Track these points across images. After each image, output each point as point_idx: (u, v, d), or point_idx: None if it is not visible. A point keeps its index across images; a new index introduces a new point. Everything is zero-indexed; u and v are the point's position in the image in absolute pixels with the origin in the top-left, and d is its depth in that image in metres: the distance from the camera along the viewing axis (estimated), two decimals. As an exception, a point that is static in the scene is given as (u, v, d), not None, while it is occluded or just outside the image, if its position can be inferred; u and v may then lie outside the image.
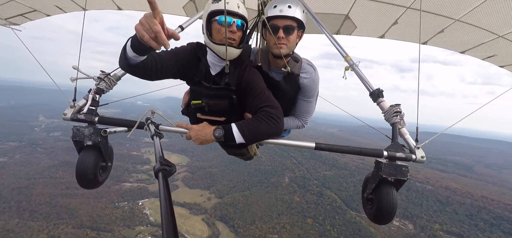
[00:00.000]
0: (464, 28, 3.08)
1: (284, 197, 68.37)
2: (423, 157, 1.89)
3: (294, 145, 1.98)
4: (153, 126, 1.67)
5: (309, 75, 2.29)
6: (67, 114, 1.88)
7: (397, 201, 1.85)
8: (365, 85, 2.31)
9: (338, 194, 69.03)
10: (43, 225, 49.25)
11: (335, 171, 79.42)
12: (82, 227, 50.74)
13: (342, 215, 60.24)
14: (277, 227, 57.17)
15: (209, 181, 77.78)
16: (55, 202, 55.97)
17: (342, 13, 3.62)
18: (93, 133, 1.85)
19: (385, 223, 1.92)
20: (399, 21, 3.39)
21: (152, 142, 1.37)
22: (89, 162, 1.85)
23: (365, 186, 2.09)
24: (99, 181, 2.00)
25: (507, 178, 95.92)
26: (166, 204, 0.72)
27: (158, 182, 0.85)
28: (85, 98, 1.95)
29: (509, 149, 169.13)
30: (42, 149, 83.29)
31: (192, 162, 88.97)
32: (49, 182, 63.36)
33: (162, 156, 1.06)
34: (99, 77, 2.03)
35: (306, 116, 2.50)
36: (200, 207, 64.55)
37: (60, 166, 69.71)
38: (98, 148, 1.89)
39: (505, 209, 61.61)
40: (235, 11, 1.89)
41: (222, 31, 1.88)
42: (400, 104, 2.06)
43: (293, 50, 2.24)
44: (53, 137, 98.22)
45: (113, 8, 4.24)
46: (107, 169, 2.09)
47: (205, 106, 2.06)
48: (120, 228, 52.79)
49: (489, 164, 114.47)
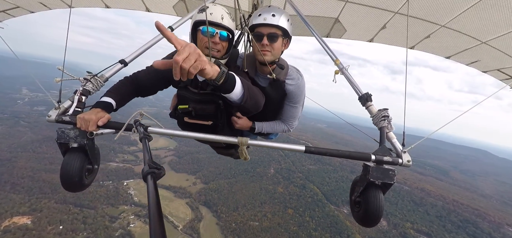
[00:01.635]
0: (449, 34, 3.14)
1: (268, 187, 70.23)
2: (409, 161, 1.92)
3: (285, 148, 2.01)
4: (141, 128, 1.63)
5: (295, 82, 2.34)
6: (51, 116, 1.80)
7: (383, 205, 1.87)
8: (355, 89, 2.34)
9: (320, 187, 71.44)
10: (25, 198, 48.99)
11: (320, 166, 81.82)
12: (65, 203, 50.72)
13: (321, 208, 62.73)
14: (258, 215, 59.09)
15: (196, 166, 78.53)
16: (38, 176, 55.41)
17: (332, 16, 3.66)
18: (78, 135, 1.78)
19: (371, 226, 1.93)
20: (387, 26, 3.45)
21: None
22: (74, 164, 1.78)
23: (353, 189, 2.10)
24: (85, 184, 1.93)
25: (479, 185, 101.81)
26: (154, 207, 0.70)
27: (146, 185, 0.83)
28: (70, 100, 1.89)
29: (485, 158, 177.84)
30: (25, 122, 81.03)
31: (179, 146, 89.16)
32: (32, 156, 62.34)
33: (151, 158, 1.04)
34: (86, 78, 1.97)
35: (292, 121, 2.57)
36: (185, 191, 65.52)
37: (44, 141, 68.44)
38: (84, 150, 1.83)
39: (472, 213, 65.88)
40: (218, 22, 1.94)
41: (205, 41, 1.96)
42: (388, 109, 2.10)
43: (278, 57, 2.29)
44: (37, 111, 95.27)
45: (100, 5, 4.18)
46: (93, 172, 2.02)
47: (192, 111, 2.10)
48: (103, 205, 53.14)
49: (465, 170, 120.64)
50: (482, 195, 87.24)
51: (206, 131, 2.02)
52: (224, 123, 2.22)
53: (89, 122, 1.74)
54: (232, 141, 1.95)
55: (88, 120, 1.74)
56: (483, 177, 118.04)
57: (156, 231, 0.63)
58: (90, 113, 1.80)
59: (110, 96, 2.00)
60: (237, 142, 1.93)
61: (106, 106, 1.91)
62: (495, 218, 64.44)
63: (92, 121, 1.75)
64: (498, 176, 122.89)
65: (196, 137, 2.01)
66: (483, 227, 60.67)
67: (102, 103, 1.92)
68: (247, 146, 1.99)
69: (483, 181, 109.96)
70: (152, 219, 0.67)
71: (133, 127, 1.71)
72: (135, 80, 2.20)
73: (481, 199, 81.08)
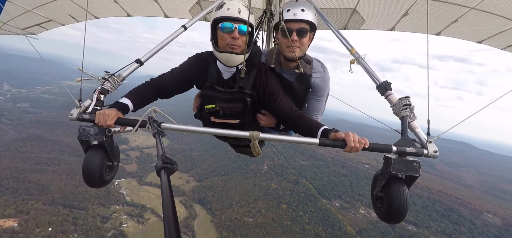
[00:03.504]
0: (480, 17, 2.92)
1: (261, 183, 70.91)
2: (435, 152, 1.79)
3: (298, 141, 1.96)
4: (155, 124, 1.70)
5: (321, 75, 2.34)
6: (73, 115, 1.91)
7: (408, 199, 1.73)
8: (372, 78, 2.22)
9: (312, 183, 72.82)
10: (10, 200, 47.39)
11: (312, 162, 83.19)
12: (53, 203, 49.44)
13: (314, 202, 64.12)
14: (253, 211, 59.74)
15: (189, 164, 78.10)
16: (24, 177, 53.58)
17: (349, 7, 3.54)
18: (98, 132, 1.86)
19: (396, 222, 1.80)
20: (409, 12, 3.25)
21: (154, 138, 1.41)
22: (95, 161, 1.86)
23: (375, 184, 1.97)
24: (106, 180, 1.99)
25: (462, 176, 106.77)
26: (167, 202, 0.72)
27: (160, 180, 0.85)
28: (90, 99, 1.99)
29: (469, 150, 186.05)
30: (7, 120, 77.58)
31: (172, 144, 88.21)
32: (16, 155, 60.02)
33: (164, 153, 1.06)
34: (104, 77, 2.06)
35: (316, 115, 2.52)
36: (178, 189, 65.16)
37: (29, 140, 65.95)
38: (104, 147, 1.91)
39: (455, 202, 69.34)
40: (236, 17, 1.91)
41: (225, 37, 1.95)
42: (409, 96, 1.97)
43: (305, 52, 2.27)
44: (20, 108, 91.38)
45: (123, 15, 4.46)
46: (113, 168, 2.08)
47: (219, 110, 2.10)
48: (94, 206, 52.15)
49: (449, 162, 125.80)
50: (465, 185, 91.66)
51: (232, 129, 1.97)
52: (250, 121, 2.21)
53: (108, 117, 1.80)
54: (244, 135, 1.89)
55: (108, 115, 1.81)
56: (466, 168, 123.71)
57: (171, 224, 0.64)
58: (107, 110, 1.89)
59: (128, 98, 2.05)
60: (248, 136, 1.88)
61: (122, 107, 1.98)
62: (476, 206, 68.05)
63: (111, 116, 1.82)
64: (479, 167, 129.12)
65: (207, 132, 2.02)
66: (465, 214, 64.09)
67: (119, 104, 1.99)
68: (259, 141, 1.89)
69: (466, 172, 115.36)
70: (166, 212, 0.68)
71: (147, 123, 1.75)
72: (159, 83, 2.20)
73: (463, 188, 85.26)
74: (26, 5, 3.74)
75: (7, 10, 3.54)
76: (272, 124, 2.36)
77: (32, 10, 3.84)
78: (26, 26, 4.21)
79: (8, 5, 3.48)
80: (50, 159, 62.05)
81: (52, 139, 69.03)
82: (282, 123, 2.24)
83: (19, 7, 3.70)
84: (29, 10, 3.82)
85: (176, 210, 0.71)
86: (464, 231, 59.06)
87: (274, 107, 2.12)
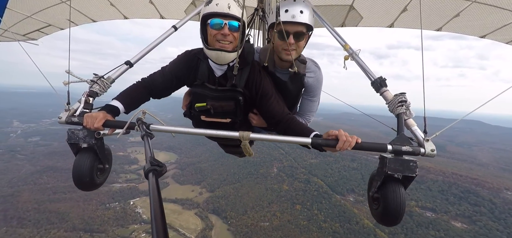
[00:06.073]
0: (483, 10, 2.82)
1: (273, 186, 71.07)
2: (433, 150, 1.75)
3: (290, 141, 1.87)
4: (144, 125, 1.68)
5: (314, 75, 2.31)
6: (62, 118, 1.88)
7: (404, 200, 1.68)
8: (367, 74, 2.18)
9: (324, 180, 72.59)
10: (34, 231, 48.76)
11: (321, 159, 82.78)
12: (74, 230, 50.70)
13: (328, 199, 63.86)
14: (268, 215, 59.87)
15: (200, 176, 78.85)
16: (44, 207, 55.13)
17: (346, 3, 3.45)
18: (87, 135, 1.83)
19: (392, 225, 1.75)
20: (408, 8, 3.18)
21: (141, 141, 1.38)
22: (84, 164, 1.83)
23: (371, 184, 1.93)
24: (97, 183, 1.96)
25: (476, 155, 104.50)
26: (156, 204, 0.71)
27: (148, 182, 0.84)
28: (79, 102, 1.96)
29: (479, 128, 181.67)
30: (22, 155, 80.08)
31: (181, 158, 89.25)
32: (34, 188, 61.83)
33: (153, 156, 1.05)
34: (92, 80, 2.04)
35: (309, 115, 2.49)
36: (192, 202, 65.85)
37: (44, 171, 67.84)
38: (94, 150, 1.87)
39: (472, 183, 67.84)
40: (226, 12, 1.82)
41: (214, 34, 1.88)
42: (405, 93, 1.92)
43: (301, 53, 2.24)
44: (32, 142, 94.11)
45: (119, 17, 4.49)
46: (105, 171, 2.04)
47: (210, 108, 2.04)
48: (113, 228, 53.21)
49: (460, 143, 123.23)
50: (480, 164, 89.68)
51: (223, 128, 1.94)
52: (242, 120, 2.17)
53: (95, 119, 1.80)
54: (234, 135, 1.85)
55: (95, 117, 1.81)
56: (478, 146, 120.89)
57: (158, 225, 0.63)
58: (95, 113, 1.89)
59: (118, 100, 2.02)
60: (238, 136, 1.83)
61: (111, 109, 1.96)
62: (494, 185, 66.47)
63: (98, 118, 1.82)
64: (493, 144, 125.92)
65: (196, 133, 1.99)
66: (484, 194, 62.57)
67: (108, 106, 1.98)
68: (249, 141, 1.88)
69: (479, 151, 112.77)
70: (154, 214, 0.67)
71: (136, 125, 1.74)
72: (150, 83, 2.17)
73: (479, 168, 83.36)
74: (25, 12, 3.75)
75: (6, 17, 3.54)
76: (264, 124, 2.29)
77: (31, 16, 3.86)
78: (26, 32, 4.25)
79: (7, 12, 3.48)
80: (66, 187, 63.54)
81: (65, 168, 70.60)
82: (272, 125, 2.16)
83: (19, 13, 3.70)
84: (28, 16, 3.82)
85: (164, 212, 0.70)
86: (484, 211, 57.75)
87: (266, 108, 2.08)
